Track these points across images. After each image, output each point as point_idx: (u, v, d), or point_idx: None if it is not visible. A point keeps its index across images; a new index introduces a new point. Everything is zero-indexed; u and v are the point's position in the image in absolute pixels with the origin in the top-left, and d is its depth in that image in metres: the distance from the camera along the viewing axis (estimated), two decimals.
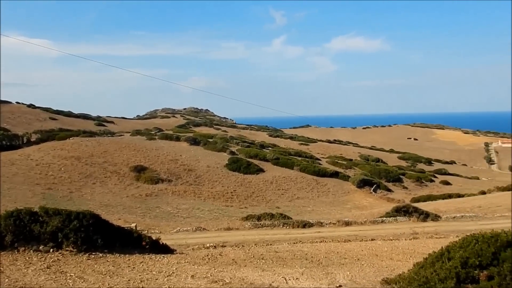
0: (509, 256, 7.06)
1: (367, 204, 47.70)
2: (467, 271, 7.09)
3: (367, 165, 74.91)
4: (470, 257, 7.26)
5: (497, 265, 7.09)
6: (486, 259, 7.17)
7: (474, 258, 7.18)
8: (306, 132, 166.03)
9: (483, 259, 7.17)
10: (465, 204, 38.88)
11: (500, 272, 6.92)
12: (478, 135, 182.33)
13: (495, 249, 7.32)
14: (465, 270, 7.06)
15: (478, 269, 7.13)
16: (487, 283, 6.76)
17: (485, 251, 7.25)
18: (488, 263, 7.21)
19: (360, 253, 14.44)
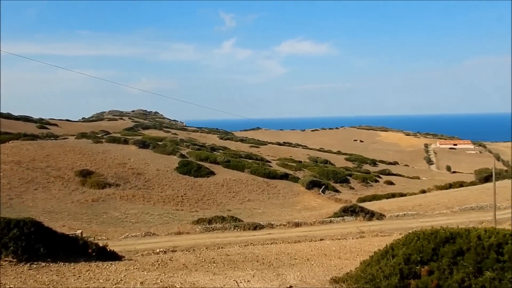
0: (448, 251, 7.50)
1: (316, 205, 48.74)
2: (410, 267, 7.45)
3: (316, 167, 76.61)
4: (412, 254, 7.63)
5: (437, 260, 7.51)
6: (427, 255, 7.57)
7: (416, 255, 7.56)
8: (257, 134, 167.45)
9: (424, 255, 7.56)
10: (407, 203, 40.77)
11: (440, 267, 7.33)
12: (418, 137, 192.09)
13: (435, 245, 7.75)
14: (408, 266, 7.41)
15: (419, 265, 7.51)
16: (428, 278, 7.13)
17: (426, 247, 7.66)
18: (429, 259, 7.62)
19: (309, 253, 14.75)
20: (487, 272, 7.13)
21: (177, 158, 59.59)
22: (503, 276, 7.05)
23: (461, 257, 7.46)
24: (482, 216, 30.56)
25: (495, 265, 7.24)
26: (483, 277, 7.04)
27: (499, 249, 7.47)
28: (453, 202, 38.35)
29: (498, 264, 7.25)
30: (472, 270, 7.20)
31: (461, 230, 8.14)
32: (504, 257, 7.31)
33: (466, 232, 7.98)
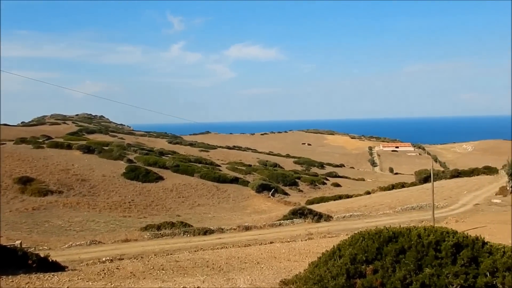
0: (391, 250, 7.82)
1: (266, 208, 49.14)
2: (356, 266, 7.69)
3: (265, 170, 77.27)
4: (358, 254, 7.88)
5: (381, 259, 7.81)
6: (372, 254, 7.86)
7: (362, 254, 7.82)
8: (206, 138, 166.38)
9: (369, 255, 7.84)
10: (353, 204, 42.13)
11: (384, 265, 7.63)
12: (363, 140, 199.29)
13: (379, 244, 8.05)
14: (354, 266, 7.65)
15: (365, 264, 7.77)
16: (373, 277, 7.39)
17: (371, 247, 7.94)
18: (374, 258, 7.91)
19: (259, 256, 14.85)
20: (427, 268, 7.52)
21: (124, 163, 57.94)
22: (441, 272, 7.46)
23: (403, 255, 7.81)
24: (422, 215, 32.21)
25: (434, 262, 7.64)
26: (423, 273, 7.41)
27: (437, 246, 7.89)
28: (396, 203, 40.10)
29: (437, 261, 7.66)
30: (413, 267, 7.56)
31: (402, 230, 8.52)
32: (442, 253, 7.74)
33: (407, 231, 8.36)
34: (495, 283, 7.45)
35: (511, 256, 7.76)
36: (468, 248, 7.94)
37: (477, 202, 38.81)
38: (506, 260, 7.65)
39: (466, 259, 7.72)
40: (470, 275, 7.49)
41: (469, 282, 7.38)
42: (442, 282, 7.31)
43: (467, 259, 7.74)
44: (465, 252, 7.83)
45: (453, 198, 41.64)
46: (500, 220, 28.82)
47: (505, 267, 7.56)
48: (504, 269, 7.55)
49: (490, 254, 7.95)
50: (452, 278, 7.35)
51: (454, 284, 7.28)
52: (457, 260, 7.71)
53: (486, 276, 7.50)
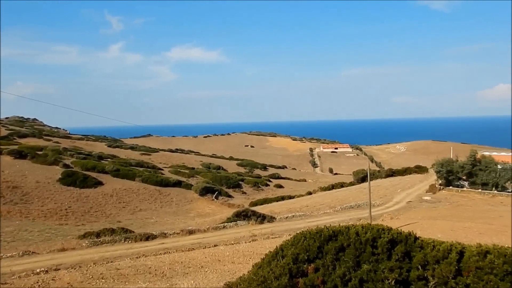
0: (331, 249, 8.08)
1: (209, 211, 48.85)
2: (298, 266, 7.87)
3: (208, 173, 76.83)
4: (300, 253, 8.07)
5: (322, 258, 8.05)
6: (313, 253, 8.08)
7: (303, 254, 8.02)
8: (148, 141, 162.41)
9: (310, 254, 8.05)
10: (295, 205, 43.00)
11: (324, 264, 7.87)
12: (304, 141, 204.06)
13: (320, 243, 8.30)
14: (296, 266, 7.82)
15: (307, 263, 7.97)
16: (314, 275, 7.61)
17: (312, 246, 8.16)
18: (315, 257, 8.13)
19: (203, 260, 14.74)
20: (365, 265, 7.86)
21: (60, 169, 55.13)
22: (377, 268, 7.82)
23: (342, 253, 8.10)
24: (360, 213, 33.58)
25: (371, 258, 8.00)
26: (361, 269, 7.73)
27: (374, 243, 8.27)
28: (336, 202, 41.47)
29: (374, 257, 8.03)
30: (352, 264, 7.87)
31: (342, 228, 8.83)
32: (378, 250, 8.12)
33: (346, 229, 8.68)
34: (426, 275, 7.93)
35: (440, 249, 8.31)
36: (402, 244, 8.40)
37: (410, 199, 41.11)
38: (436, 253, 8.17)
39: (400, 254, 8.16)
40: (404, 269, 7.93)
41: (403, 276, 7.80)
42: (378, 277, 7.67)
43: (401, 254, 8.18)
44: (399, 247, 8.28)
45: (388, 196, 43.80)
46: (430, 216, 30.74)
47: (434, 260, 8.07)
48: (434, 262, 8.06)
49: (421, 248, 8.46)
50: (388, 272, 7.74)
51: (390, 278, 7.67)
52: (392, 256, 8.13)
53: (418, 269, 7.98)
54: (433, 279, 7.87)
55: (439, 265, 7.98)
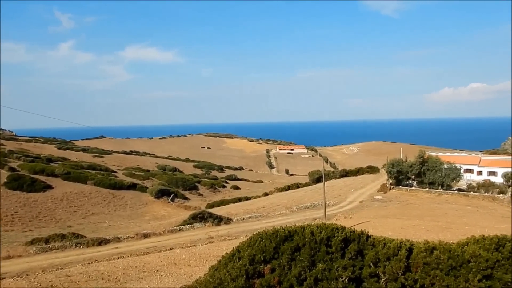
0: (287, 249, 8.19)
1: (165, 214, 48.07)
2: (255, 267, 7.91)
3: (164, 175, 75.61)
4: (256, 254, 8.12)
5: (278, 258, 8.14)
6: (269, 254, 8.15)
7: (260, 255, 8.07)
8: (101, 143, 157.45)
9: (267, 254, 8.12)
10: (252, 206, 43.18)
11: (280, 264, 7.97)
12: (260, 143, 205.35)
13: (276, 244, 8.39)
14: (252, 267, 7.86)
15: (263, 264, 8.03)
16: (270, 275, 7.68)
17: (268, 247, 8.23)
18: (271, 257, 8.21)
19: (159, 264, 14.49)
20: (319, 263, 8.02)
21: (5, 172, 52.32)
22: (332, 266, 8.01)
23: (298, 252, 8.23)
24: (315, 213, 34.22)
25: (326, 257, 8.18)
26: (316, 269, 7.88)
27: (328, 242, 8.46)
28: (292, 202, 42.03)
29: (328, 256, 8.21)
30: (307, 263, 8.01)
31: (297, 228, 8.97)
32: (332, 249, 8.32)
33: (301, 229, 8.83)
34: (377, 272, 8.21)
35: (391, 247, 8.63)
36: (355, 242, 8.64)
37: (363, 199, 42.39)
38: (387, 251, 8.48)
39: (353, 253, 8.39)
40: (357, 267, 8.16)
41: (356, 273, 8.03)
42: (333, 276, 7.85)
43: (354, 252, 8.42)
44: (352, 246, 8.51)
45: (342, 196, 44.93)
46: (381, 214, 31.83)
47: (385, 257, 8.37)
48: (385, 259, 8.36)
49: (373, 246, 8.74)
50: (342, 271, 7.94)
51: (343, 276, 7.87)
52: (346, 254, 8.35)
53: (370, 266, 8.24)
54: (384, 276, 8.16)
55: (390, 262, 8.29)
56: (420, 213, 32.34)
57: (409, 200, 41.21)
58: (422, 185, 48.21)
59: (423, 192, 46.18)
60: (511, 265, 8.53)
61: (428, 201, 40.53)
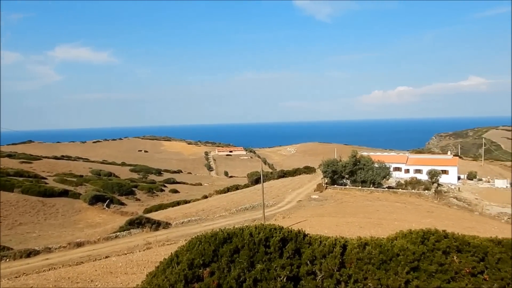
0: (226, 251, 8.21)
1: (100, 220, 46.20)
2: (194, 271, 7.86)
3: (99, 181, 72.66)
4: (195, 258, 8.07)
5: (217, 261, 8.14)
6: (208, 257, 8.13)
7: (199, 258, 8.03)
8: (29, 148, 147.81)
9: (206, 258, 8.09)
10: (191, 209, 42.72)
11: (220, 267, 7.97)
12: (199, 145, 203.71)
13: (215, 246, 8.38)
14: (192, 271, 7.80)
15: (202, 268, 8.00)
16: (210, 279, 7.66)
17: (207, 250, 8.21)
18: (210, 260, 8.19)
19: (93, 273, 13.91)
20: (258, 264, 8.13)
21: None
22: (270, 266, 8.15)
23: (237, 254, 8.29)
24: (255, 214, 34.57)
25: (264, 257, 8.31)
26: (255, 269, 7.99)
27: (267, 242, 8.61)
28: (231, 204, 42.13)
29: (266, 256, 8.35)
30: (246, 265, 8.09)
31: (236, 230, 9.03)
32: (271, 249, 8.47)
33: (240, 231, 8.90)
34: (314, 270, 8.48)
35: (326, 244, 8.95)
36: (292, 241, 8.87)
37: (300, 199, 43.47)
38: (322, 248, 8.78)
39: (291, 252, 8.60)
40: (294, 265, 8.38)
41: (293, 272, 8.24)
42: (271, 276, 8.00)
43: (292, 251, 8.64)
44: (290, 245, 8.73)
45: (280, 196, 45.77)
46: (318, 213, 32.84)
47: (321, 255, 8.67)
48: (321, 256, 8.66)
49: (310, 244, 9.02)
50: (280, 270, 8.11)
51: (282, 275, 8.05)
52: (284, 253, 8.54)
53: (307, 264, 8.49)
54: (321, 273, 8.44)
55: (326, 259, 8.59)
56: (354, 210, 33.76)
57: (343, 199, 42.85)
58: (355, 183, 50.35)
59: (356, 190, 48.25)
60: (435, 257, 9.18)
61: (361, 199, 42.41)
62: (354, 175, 50.52)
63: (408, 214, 32.59)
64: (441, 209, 39.00)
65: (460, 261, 9.19)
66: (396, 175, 58.65)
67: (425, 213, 33.77)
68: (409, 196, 45.95)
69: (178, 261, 8.14)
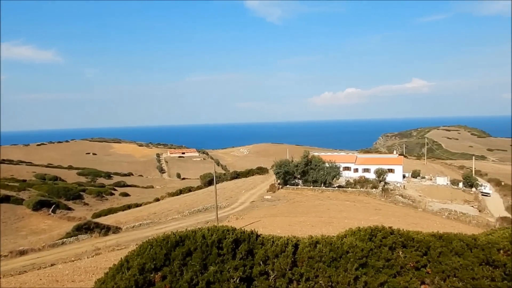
0: (178, 254, 8.10)
1: (45, 227, 44.11)
2: (145, 276, 7.69)
3: (44, 185, 69.37)
4: (146, 262, 7.89)
5: (169, 265, 8.01)
6: (160, 261, 7.98)
7: (150, 263, 7.86)
8: None
9: (157, 262, 7.94)
10: (142, 213, 41.78)
11: (172, 270, 7.85)
12: (151, 147, 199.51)
13: (167, 250, 8.24)
14: (143, 276, 7.62)
15: (154, 272, 7.84)
16: (161, 283, 7.53)
17: (159, 254, 8.06)
18: (162, 264, 8.04)
19: (38, 283, 13.25)
20: (211, 266, 8.09)
21: None
22: (223, 268, 8.13)
23: (190, 257, 8.20)
24: (208, 216, 34.37)
25: (217, 259, 8.28)
26: (208, 272, 7.94)
27: (219, 244, 8.57)
28: (184, 207, 41.63)
29: (219, 258, 8.32)
30: (199, 267, 8.02)
31: (189, 233, 8.93)
32: (224, 250, 8.45)
33: (193, 233, 8.81)
34: (267, 270, 8.56)
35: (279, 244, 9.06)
36: (245, 242, 8.89)
37: (253, 199, 43.71)
38: (275, 248, 8.88)
39: (244, 253, 8.63)
40: (247, 266, 8.41)
41: (246, 273, 8.26)
42: (224, 277, 7.98)
43: (245, 252, 8.66)
44: (243, 246, 8.75)
45: (234, 197, 45.80)
46: (271, 213, 33.16)
47: (274, 255, 8.76)
48: (273, 256, 8.75)
49: (262, 245, 9.09)
50: (233, 272, 8.11)
51: (235, 277, 8.05)
52: (237, 255, 8.55)
53: (260, 265, 8.55)
54: (273, 273, 8.53)
55: (278, 258, 8.69)
56: (306, 210, 34.40)
57: (295, 198, 43.54)
58: (307, 183, 51.32)
59: (308, 190, 49.20)
60: (382, 253, 9.55)
61: (312, 198, 43.29)
62: (306, 175, 51.47)
63: (357, 212, 33.63)
64: (388, 207, 40.60)
65: (405, 256, 9.61)
66: (345, 175, 60.37)
67: (373, 211, 35.00)
68: (358, 194, 47.44)
69: (128, 266, 7.92)
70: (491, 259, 9.41)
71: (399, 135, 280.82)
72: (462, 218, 40.03)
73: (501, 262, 9.32)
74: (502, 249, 9.64)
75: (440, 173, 79.28)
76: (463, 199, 53.04)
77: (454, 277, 9.29)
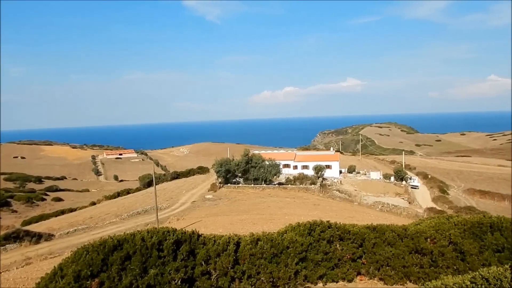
0: (116, 259, 7.83)
1: None
2: (81, 283, 7.35)
3: None
4: (82, 269, 7.55)
5: (107, 270, 7.72)
6: (97, 267, 7.67)
7: (86, 269, 7.53)
8: None
9: (94, 268, 7.62)
10: (77, 218, 39.91)
11: (110, 276, 7.58)
12: (85, 149, 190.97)
13: (104, 255, 7.94)
14: (78, 284, 7.29)
15: (90, 279, 7.51)
16: None
17: (95, 260, 7.75)
18: (99, 270, 7.74)
19: None
20: (151, 269, 7.91)
21: None
22: (164, 270, 7.99)
23: (129, 261, 7.96)
24: (148, 218, 33.55)
25: (158, 262, 8.11)
26: (148, 275, 7.76)
27: (160, 246, 8.41)
28: (122, 210, 40.32)
29: (160, 260, 8.16)
30: (139, 271, 7.82)
31: (127, 236, 8.66)
32: (164, 252, 8.30)
33: (131, 236, 8.56)
34: (209, 269, 8.53)
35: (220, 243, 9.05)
36: (186, 243, 8.79)
37: (194, 199, 43.29)
38: (217, 247, 8.87)
39: (185, 253, 8.53)
40: (189, 267, 8.33)
41: (188, 274, 8.18)
42: (165, 280, 7.84)
43: (186, 253, 8.57)
44: (184, 247, 8.65)
45: (174, 198, 45.07)
46: (212, 213, 33.04)
47: (216, 254, 8.75)
48: (215, 255, 8.73)
49: (204, 244, 9.04)
50: (174, 273, 7.99)
51: (176, 278, 7.94)
52: (178, 256, 8.44)
53: (202, 265, 8.50)
54: (215, 272, 8.52)
55: (220, 257, 8.69)
56: (247, 208, 34.65)
57: (237, 197, 43.71)
58: (248, 181, 51.69)
59: (249, 188, 49.58)
60: (320, 246, 9.86)
61: (253, 196, 43.68)
62: (247, 173, 51.82)
63: (297, 208, 34.41)
64: (326, 202, 41.95)
65: (342, 249, 10.00)
66: (285, 172, 61.54)
67: (312, 206, 36.00)
68: (297, 191, 48.55)
69: (62, 275, 7.54)
70: (419, 248, 10.05)
71: (335, 132, 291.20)
72: (394, 210, 42.30)
73: (428, 249, 9.99)
74: (429, 238, 10.34)
75: (373, 168, 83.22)
76: (394, 192, 56.08)
77: (387, 266, 9.83)
